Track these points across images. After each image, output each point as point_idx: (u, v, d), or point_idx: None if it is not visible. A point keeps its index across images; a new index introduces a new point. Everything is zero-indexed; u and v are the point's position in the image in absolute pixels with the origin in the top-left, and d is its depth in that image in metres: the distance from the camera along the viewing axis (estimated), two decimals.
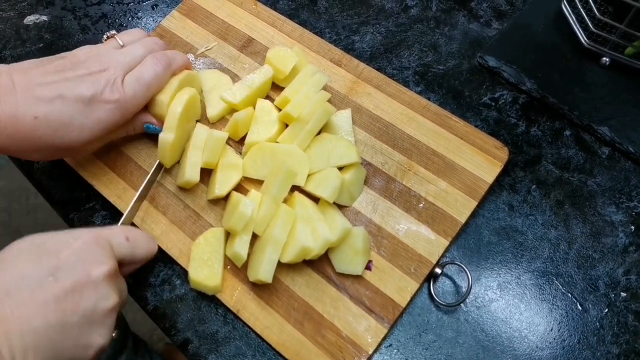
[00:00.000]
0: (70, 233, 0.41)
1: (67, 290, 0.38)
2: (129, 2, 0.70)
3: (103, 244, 0.42)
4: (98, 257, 0.40)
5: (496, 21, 0.63)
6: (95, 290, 0.39)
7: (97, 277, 0.39)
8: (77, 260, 0.39)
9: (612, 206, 0.52)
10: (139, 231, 0.47)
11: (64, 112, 0.46)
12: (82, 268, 0.39)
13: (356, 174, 0.51)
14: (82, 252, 0.40)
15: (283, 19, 0.63)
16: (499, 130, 0.56)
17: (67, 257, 0.39)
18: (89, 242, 0.41)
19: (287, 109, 0.51)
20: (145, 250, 0.46)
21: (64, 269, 0.38)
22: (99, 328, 0.40)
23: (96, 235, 0.42)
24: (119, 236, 0.44)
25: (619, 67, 0.58)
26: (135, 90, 0.49)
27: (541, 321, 0.48)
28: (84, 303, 0.38)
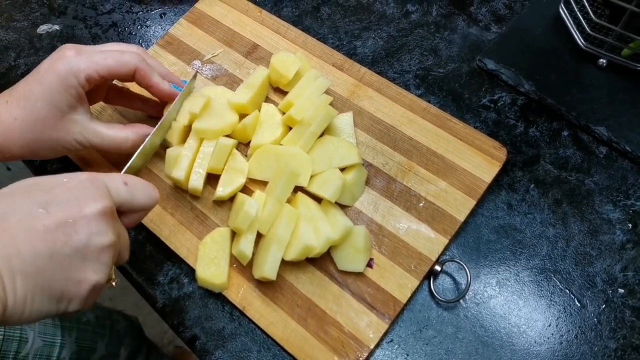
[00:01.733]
0: (66, 175, 0.41)
1: (58, 222, 0.37)
2: (138, 11, 0.72)
3: (99, 184, 0.40)
4: (92, 195, 0.39)
5: (495, 25, 0.65)
6: (88, 225, 0.38)
7: (90, 213, 0.38)
8: (71, 196, 0.38)
9: (609, 204, 0.53)
10: (139, 178, 0.44)
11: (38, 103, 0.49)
12: (75, 203, 0.38)
13: (357, 175, 0.53)
14: (75, 190, 0.39)
15: (287, 26, 0.65)
16: (498, 131, 0.58)
17: (59, 192, 0.38)
18: (83, 181, 0.40)
19: (291, 112, 0.53)
20: (145, 197, 0.44)
21: (55, 203, 0.37)
22: (93, 264, 0.38)
23: (92, 176, 0.41)
24: (117, 180, 0.42)
25: (616, 69, 0.59)
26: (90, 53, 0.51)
27: (539, 317, 0.49)
28: (76, 237, 0.37)
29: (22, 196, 0.37)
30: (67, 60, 0.49)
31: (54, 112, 0.49)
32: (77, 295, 0.37)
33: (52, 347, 0.63)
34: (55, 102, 0.48)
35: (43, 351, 0.61)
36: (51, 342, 0.63)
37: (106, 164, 0.58)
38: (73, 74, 0.48)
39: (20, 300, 0.34)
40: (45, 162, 0.61)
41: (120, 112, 0.61)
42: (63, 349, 0.64)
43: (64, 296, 0.37)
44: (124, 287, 1.55)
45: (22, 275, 0.34)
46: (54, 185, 0.39)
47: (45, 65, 0.50)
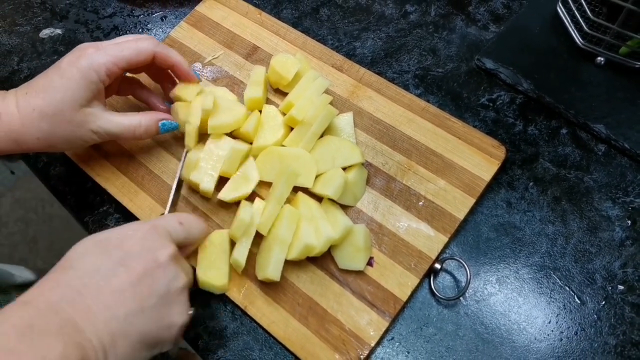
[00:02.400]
0: (129, 227, 0.44)
1: (140, 275, 0.40)
2: (139, 15, 0.72)
3: (161, 231, 0.44)
4: (160, 243, 0.43)
5: (493, 24, 0.65)
6: (165, 271, 0.41)
7: (164, 260, 0.42)
8: (142, 248, 0.41)
9: (608, 201, 0.53)
10: (188, 214, 0.49)
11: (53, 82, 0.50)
12: (148, 254, 0.41)
13: (358, 174, 0.53)
14: (144, 241, 0.42)
15: (287, 28, 0.66)
16: (497, 130, 0.58)
17: (131, 246, 0.41)
18: (148, 231, 0.43)
19: (292, 113, 0.53)
20: (198, 231, 0.48)
21: (132, 257, 0.41)
22: (176, 307, 0.42)
23: (153, 225, 0.44)
24: (173, 222, 0.46)
25: (614, 67, 0.59)
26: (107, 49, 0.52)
27: (539, 314, 0.49)
28: (157, 285, 0.41)
29: (99, 257, 0.41)
30: (88, 56, 0.50)
31: (73, 105, 0.50)
32: (169, 338, 0.42)
33: None
34: (75, 96, 0.50)
35: None
36: None
37: (108, 166, 0.59)
38: (94, 69, 0.50)
39: (121, 358, 0.38)
40: (48, 165, 0.62)
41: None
42: None
43: (158, 342, 0.41)
44: None
45: (121, 335, 0.38)
46: (123, 238, 0.42)
47: (66, 60, 0.51)
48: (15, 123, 0.50)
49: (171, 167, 0.58)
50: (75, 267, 0.40)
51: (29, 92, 0.50)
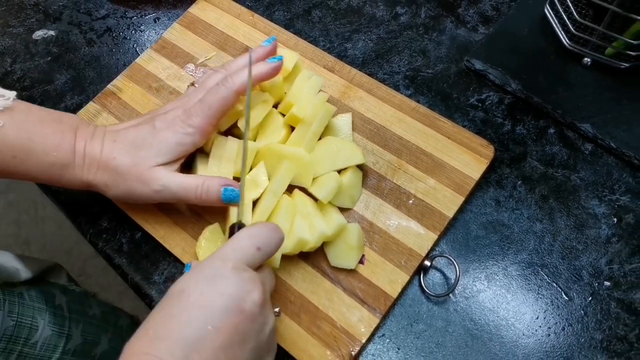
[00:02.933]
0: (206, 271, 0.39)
1: (229, 336, 0.36)
2: (132, 16, 0.73)
3: (242, 271, 0.39)
4: (245, 288, 0.38)
5: (482, 26, 0.66)
6: (253, 321, 0.38)
7: (251, 311, 0.38)
8: (227, 300, 0.37)
9: (595, 199, 0.54)
10: (265, 232, 0.42)
11: (135, 138, 0.50)
12: (234, 306, 0.37)
13: (354, 177, 0.54)
14: (227, 291, 0.38)
15: (279, 29, 0.66)
16: (486, 129, 0.59)
17: (215, 299, 0.37)
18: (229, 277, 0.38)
19: (293, 111, 0.54)
20: (276, 247, 0.43)
21: (217, 314, 0.37)
22: (267, 354, 0.40)
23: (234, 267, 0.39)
24: (251, 251, 0.41)
25: (601, 67, 0.60)
26: (198, 111, 0.50)
27: (527, 310, 0.50)
28: (248, 341, 0.38)
29: (181, 315, 0.37)
30: (182, 120, 0.50)
31: (151, 164, 0.49)
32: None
33: (60, 338, 0.64)
34: (160, 159, 0.49)
35: (51, 341, 0.62)
36: (59, 332, 0.64)
37: None
38: (189, 135, 0.50)
39: None
40: None
41: (115, 115, 0.62)
42: (70, 340, 0.65)
43: None
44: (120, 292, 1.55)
45: None
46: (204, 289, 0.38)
47: (160, 120, 0.51)
48: (94, 167, 0.50)
49: None
50: (156, 334, 0.36)
51: (116, 141, 0.50)
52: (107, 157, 0.50)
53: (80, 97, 0.66)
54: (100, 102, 0.63)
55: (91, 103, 0.64)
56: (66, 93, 0.67)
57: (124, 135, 0.51)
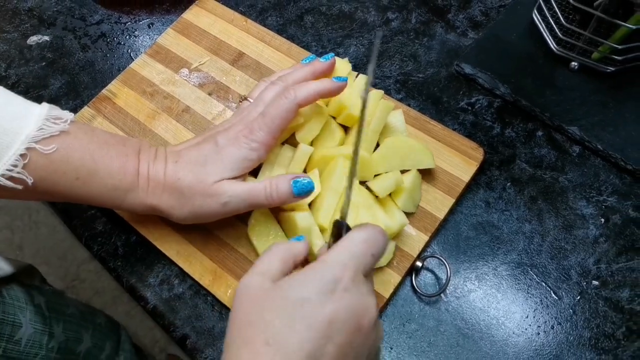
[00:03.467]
0: (325, 278, 0.36)
1: (345, 349, 0.35)
2: (127, 22, 0.74)
3: (361, 282, 0.37)
4: (364, 303, 0.36)
5: (472, 31, 0.67)
6: (368, 337, 0.36)
7: (368, 325, 0.36)
8: (348, 315, 0.35)
9: (582, 200, 0.56)
10: (378, 236, 0.39)
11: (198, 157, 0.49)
12: (353, 321, 0.35)
13: (415, 179, 0.54)
14: (348, 305, 0.36)
15: (272, 34, 0.67)
16: (476, 132, 0.60)
17: (336, 313, 0.35)
18: (350, 288, 0.36)
19: (349, 111, 0.54)
20: (384, 252, 0.40)
21: (337, 330, 0.35)
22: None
23: (353, 274, 0.37)
24: (367, 258, 0.38)
25: (587, 71, 0.62)
26: (262, 125, 0.49)
27: (517, 309, 0.51)
28: (361, 354, 0.36)
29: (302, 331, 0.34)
30: (246, 135, 0.49)
31: (217, 179, 0.48)
32: None
33: (42, 335, 0.64)
34: (226, 174, 0.48)
35: (35, 338, 0.63)
36: (42, 330, 0.64)
37: None
38: (254, 150, 0.49)
39: None
40: None
41: (110, 119, 0.63)
42: (52, 338, 0.66)
43: None
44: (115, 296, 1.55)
45: None
46: (324, 299, 0.35)
47: (222, 137, 0.49)
48: (158, 190, 0.49)
49: None
50: (278, 342, 0.34)
51: (178, 161, 0.49)
52: (172, 179, 0.48)
53: (75, 102, 0.67)
54: (95, 107, 0.64)
55: (86, 108, 0.64)
56: (61, 98, 0.67)
57: (186, 155, 0.49)
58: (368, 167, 0.54)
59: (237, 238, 0.54)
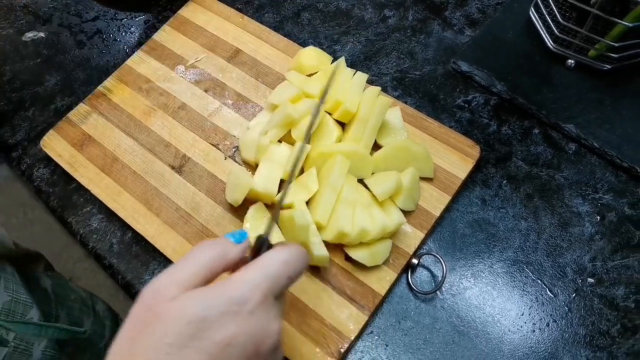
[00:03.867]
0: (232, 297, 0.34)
1: None
2: (123, 18, 0.73)
3: (269, 306, 0.35)
4: (267, 328, 0.34)
5: (469, 29, 0.67)
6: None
7: (266, 351, 0.34)
8: (247, 339, 0.33)
9: (578, 198, 0.56)
10: (298, 261, 0.37)
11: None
12: (252, 347, 0.33)
13: (413, 177, 0.54)
14: (250, 329, 0.34)
15: (268, 31, 0.67)
16: (472, 130, 0.60)
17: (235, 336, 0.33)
18: (255, 310, 0.34)
19: (346, 106, 0.54)
20: (301, 274, 0.38)
21: (234, 355, 0.33)
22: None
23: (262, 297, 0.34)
24: (284, 280, 0.36)
25: (584, 69, 0.61)
26: None
27: (513, 306, 0.51)
28: None
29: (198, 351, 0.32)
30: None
31: None
32: None
33: (49, 319, 0.65)
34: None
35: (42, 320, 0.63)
36: (48, 313, 0.65)
37: (92, 167, 0.60)
38: None
39: None
40: (31, 166, 0.62)
41: (106, 116, 0.63)
42: (58, 320, 0.67)
43: None
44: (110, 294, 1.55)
45: None
46: (225, 320, 0.33)
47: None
48: None
49: (155, 168, 0.59)
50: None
51: None
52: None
53: (71, 99, 0.67)
54: (90, 104, 0.64)
55: (81, 104, 0.64)
56: (56, 94, 0.67)
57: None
58: (366, 165, 0.54)
59: None
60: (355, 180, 0.54)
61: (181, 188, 0.57)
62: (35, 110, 0.66)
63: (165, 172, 0.59)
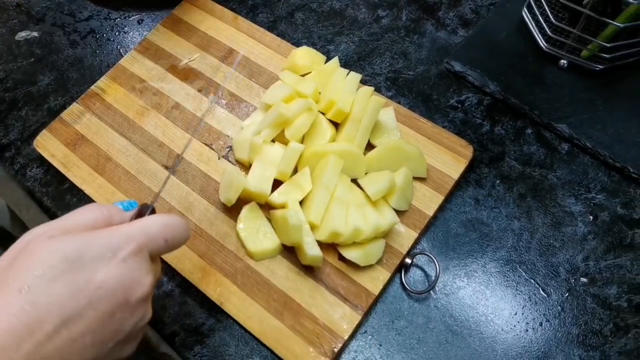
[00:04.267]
0: (109, 242, 0.36)
1: (106, 319, 0.35)
2: (116, 18, 0.73)
3: (142, 258, 0.37)
4: (137, 277, 0.36)
5: (462, 29, 0.67)
6: (134, 313, 0.37)
7: (135, 300, 0.36)
8: (117, 285, 0.35)
9: (571, 198, 0.56)
10: (175, 225, 0.40)
11: None
12: (122, 292, 0.35)
13: (407, 177, 0.54)
14: (120, 274, 0.35)
15: (262, 31, 0.67)
16: (465, 130, 0.60)
17: (105, 279, 0.35)
18: (127, 259, 0.36)
19: (339, 106, 0.54)
20: (180, 244, 0.41)
21: (103, 297, 0.34)
22: (131, 343, 0.38)
23: (136, 248, 0.36)
24: (158, 241, 0.39)
25: (576, 69, 0.62)
26: None
27: (506, 306, 0.51)
28: (121, 329, 0.36)
29: (65, 288, 0.33)
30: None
31: None
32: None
33: None
34: None
35: None
36: None
37: (85, 167, 0.59)
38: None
39: None
40: (25, 167, 0.62)
41: (99, 116, 0.63)
42: None
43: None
44: None
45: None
46: (97, 263, 0.35)
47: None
48: None
49: (148, 168, 0.59)
50: (33, 292, 0.32)
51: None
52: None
53: (64, 99, 0.66)
54: (84, 104, 0.64)
55: (75, 104, 0.64)
56: (50, 94, 0.67)
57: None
58: (360, 164, 0.54)
59: (227, 235, 0.54)
60: (348, 180, 0.54)
61: (174, 188, 0.57)
62: (28, 110, 0.66)
63: (159, 171, 0.58)
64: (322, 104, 0.57)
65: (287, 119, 0.54)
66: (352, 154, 0.53)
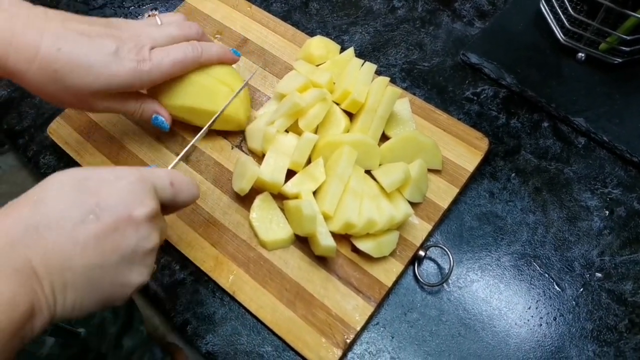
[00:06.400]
0: (114, 171, 0.40)
1: (108, 229, 0.37)
2: (130, 6, 0.73)
3: (147, 186, 0.40)
4: (140, 198, 0.39)
5: (478, 20, 0.67)
6: (137, 230, 0.38)
7: (138, 217, 0.38)
8: (119, 200, 0.38)
9: (587, 192, 0.55)
10: (184, 177, 0.44)
11: (86, 54, 0.47)
12: (124, 207, 0.38)
13: (422, 169, 0.53)
14: (124, 192, 0.38)
15: (276, 21, 0.67)
16: (481, 122, 0.60)
17: (109, 195, 0.38)
18: (132, 182, 0.39)
19: (354, 96, 0.53)
20: (187, 196, 0.44)
21: (105, 208, 0.37)
22: (139, 267, 0.39)
23: (140, 176, 0.40)
24: (164, 180, 0.42)
25: (594, 62, 0.61)
26: (160, 61, 0.50)
27: (520, 300, 0.51)
28: (125, 244, 0.38)
29: (72, 198, 0.37)
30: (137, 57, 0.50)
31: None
32: (121, 297, 0.39)
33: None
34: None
35: None
36: None
37: (99, 155, 0.59)
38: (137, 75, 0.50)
39: (68, 309, 0.36)
40: (38, 153, 0.62)
41: None
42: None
43: (109, 299, 0.38)
44: None
45: (72, 287, 0.36)
46: (103, 185, 0.38)
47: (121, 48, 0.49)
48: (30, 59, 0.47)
49: (162, 156, 0.59)
50: (45, 203, 0.36)
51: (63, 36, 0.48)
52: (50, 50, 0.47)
53: None
54: None
55: None
56: None
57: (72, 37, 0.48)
58: (374, 155, 0.53)
59: (239, 224, 0.54)
60: (362, 171, 0.53)
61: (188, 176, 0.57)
62: None
63: (172, 160, 0.58)
64: (336, 94, 0.56)
65: (301, 109, 0.54)
66: (366, 145, 0.53)
